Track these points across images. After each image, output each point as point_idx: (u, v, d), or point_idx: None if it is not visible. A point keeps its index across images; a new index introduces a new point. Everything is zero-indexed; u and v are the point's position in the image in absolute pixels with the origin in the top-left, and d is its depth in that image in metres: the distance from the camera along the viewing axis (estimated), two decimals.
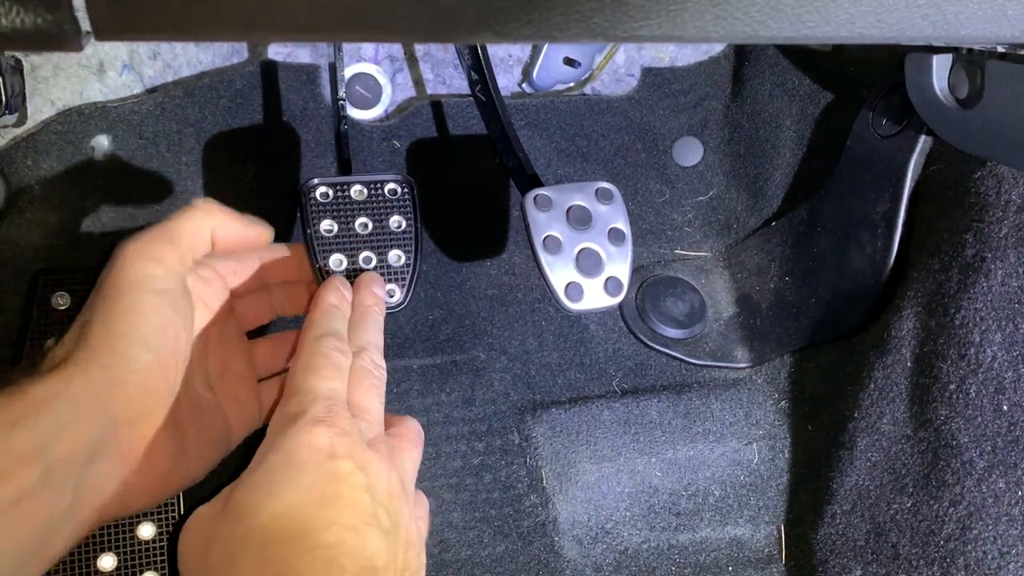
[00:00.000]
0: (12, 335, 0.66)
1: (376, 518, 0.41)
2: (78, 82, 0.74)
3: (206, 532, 0.41)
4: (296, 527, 0.39)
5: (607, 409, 0.81)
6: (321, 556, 0.38)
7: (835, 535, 0.72)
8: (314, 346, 0.48)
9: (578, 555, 0.76)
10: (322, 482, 0.41)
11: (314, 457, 0.41)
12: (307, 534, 0.39)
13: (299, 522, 0.39)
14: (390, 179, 0.65)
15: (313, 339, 0.49)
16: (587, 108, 0.93)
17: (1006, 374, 0.61)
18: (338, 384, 0.46)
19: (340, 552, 0.39)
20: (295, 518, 0.39)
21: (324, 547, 0.39)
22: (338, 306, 0.53)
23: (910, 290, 0.69)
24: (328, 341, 0.48)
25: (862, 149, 0.76)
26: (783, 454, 0.81)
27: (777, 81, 0.88)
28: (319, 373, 0.46)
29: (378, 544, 0.40)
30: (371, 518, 0.41)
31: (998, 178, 0.63)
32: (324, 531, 0.39)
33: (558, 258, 0.59)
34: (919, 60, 0.63)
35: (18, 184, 0.69)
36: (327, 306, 0.52)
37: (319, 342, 0.48)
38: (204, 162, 0.78)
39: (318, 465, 0.41)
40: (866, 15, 0.36)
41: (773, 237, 0.86)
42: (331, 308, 0.52)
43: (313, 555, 0.38)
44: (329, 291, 0.54)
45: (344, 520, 0.40)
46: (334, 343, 0.48)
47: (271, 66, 0.82)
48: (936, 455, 0.65)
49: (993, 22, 0.38)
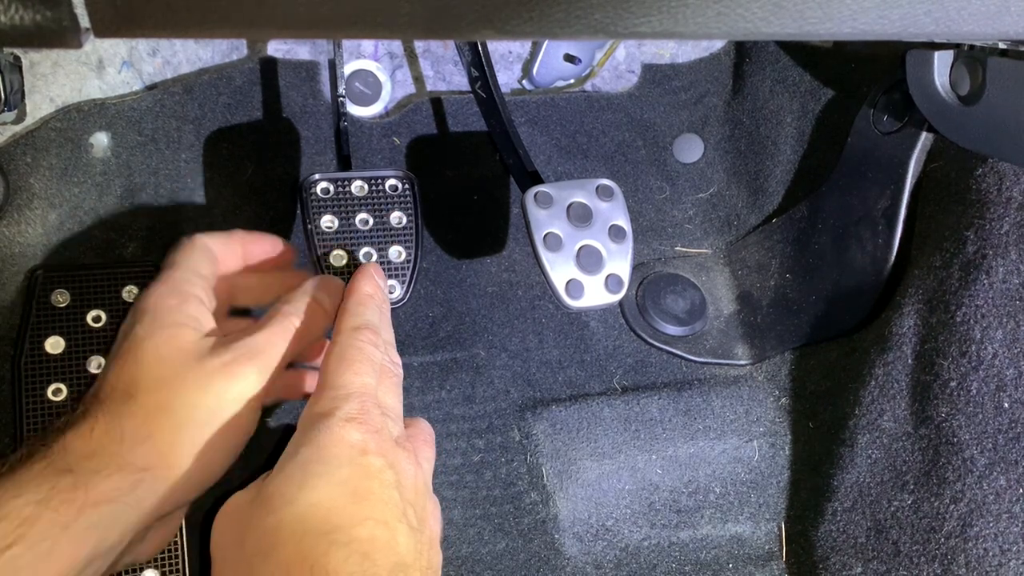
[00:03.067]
0: (11, 333, 0.66)
1: (405, 515, 0.41)
2: (77, 79, 0.74)
3: (241, 519, 0.41)
4: (331, 520, 0.39)
5: (607, 406, 0.80)
6: (356, 550, 0.38)
7: (836, 532, 0.72)
8: (349, 338, 0.47)
9: (578, 552, 0.76)
10: (355, 477, 0.41)
11: (347, 452, 0.41)
12: (342, 528, 0.39)
13: (334, 515, 0.39)
14: (391, 175, 0.65)
15: (349, 330, 0.48)
16: (587, 105, 0.93)
17: (1007, 371, 0.61)
18: (371, 379, 0.46)
19: (374, 547, 0.39)
20: (330, 510, 0.39)
21: (358, 541, 0.39)
22: (373, 296, 0.52)
23: (911, 287, 0.69)
24: (364, 334, 0.48)
25: (863, 146, 0.76)
26: (784, 451, 0.81)
27: (778, 78, 0.88)
28: (353, 368, 0.46)
29: (407, 541, 0.41)
30: (401, 515, 0.41)
31: (999, 175, 0.63)
32: (359, 525, 0.39)
33: (558, 255, 0.59)
34: (920, 57, 0.62)
35: (17, 181, 0.69)
36: (363, 295, 0.51)
37: (354, 334, 0.48)
38: (204, 159, 0.77)
39: (351, 460, 0.41)
40: (868, 11, 0.35)
41: (774, 234, 0.86)
42: (367, 298, 0.51)
43: (348, 549, 0.38)
44: (364, 280, 0.53)
45: (377, 515, 0.40)
46: (369, 336, 0.48)
47: (271, 63, 0.82)
48: (937, 452, 0.65)
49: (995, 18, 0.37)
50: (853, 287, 0.76)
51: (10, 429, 0.64)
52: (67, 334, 0.66)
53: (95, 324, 0.66)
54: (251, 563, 0.39)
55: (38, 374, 0.64)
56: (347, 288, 0.52)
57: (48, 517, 0.41)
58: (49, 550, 0.40)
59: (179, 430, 0.45)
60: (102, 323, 0.66)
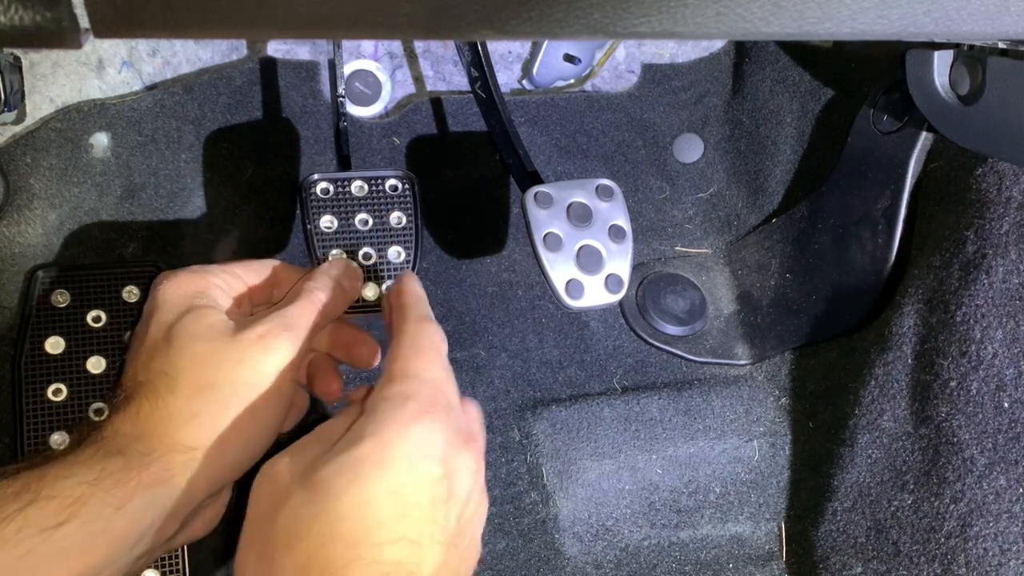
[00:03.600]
0: (11, 333, 0.66)
1: (445, 531, 0.41)
2: (77, 79, 0.74)
3: (281, 492, 0.40)
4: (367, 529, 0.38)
5: (607, 406, 0.80)
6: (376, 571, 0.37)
7: (836, 532, 0.72)
8: (421, 328, 0.47)
9: (578, 552, 0.76)
10: (408, 487, 0.40)
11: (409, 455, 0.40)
12: (372, 545, 0.38)
13: (372, 526, 0.38)
14: (390, 175, 0.65)
15: (416, 320, 0.47)
16: (587, 105, 0.93)
17: (1007, 371, 0.61)
18: (442, 372, 0.45)
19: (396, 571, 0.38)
20: (367, 519, 0.38)
21: (383, 563, 0.38)
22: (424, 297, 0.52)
23: (911, 287, 0.69)
24: (433, 327, 0.47)
25: (863, 146, 0.76)
26: (784, 451, 0.81)
27: (778, 77, 0.88)
28: (428, 356, 0.45)
29: (435, 561, 0.40)
30: (440, 532, 0.40)
31: (999, 175, 0.63)
32: (390, 544, 0.38)
33: (558, 255, 0.59)
34: (920, 56, 0.62)
35: (17, 181, 0.69)
36: (420, 292, 0.51)
37: (425, 326, 0.47)
38: (203, 159, 0.77)
39: (410, 467, 0.40)
40: (868, 11, 0.35)
41: (774, 234, 0.86)
42: (423, 295, 0.51)
43: (368, 570, 0.37)
44: (414, 281, 0.52)
45: (412, 535, 0.39)
46: (436, 328, 0.48)
47: (270, 63, 0.82)
48: (937, 452, 0.65)
49: (995, 18, 0.37)
50: (853, 287, 0.76)
51: (10, 429, 0.64)
52: (67, 334, 0.66)
53: (95, 324, 0.66)
54: (275, 546, 0.38)
55: (38, 374, 0.64)
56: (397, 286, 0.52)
57: (99, 497, 0.41)
58: (103, 529, 0.41)
59: (223, 407, 0.45)
60: (102, 323, 0.66)
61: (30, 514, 0.40)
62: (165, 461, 0.44)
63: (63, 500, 0.40)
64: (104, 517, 0.41)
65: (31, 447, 0.63)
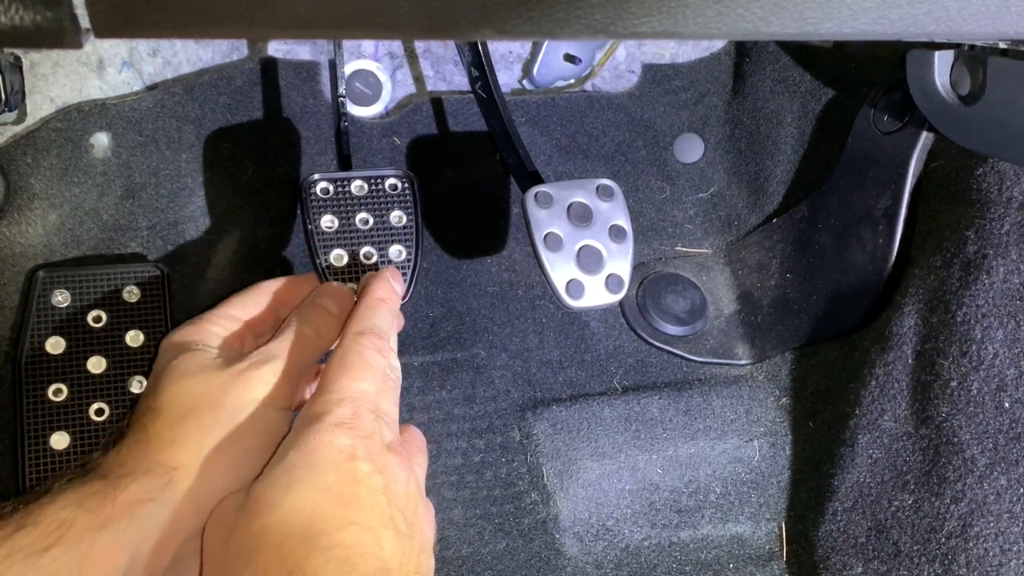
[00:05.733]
0: (11, 333, 0.66)
1: (392, 520, 0.42)
2: (77, 79, 0.74)
3: (227, 523, 0.42)
4: (314, 525, 0.39)
5: (608, 406, 0.80)
6: (337, 555, 0.38)
7: (836, 532, 0.72)
8: (352, 343, 0.48)
9: (579, 552, 0.76)
10: (341, 483, 0.41)
11: (334, 458, 0.42)
12: (324, 533, 0.39)
13: (317, 520, 0.40)
14: (390, 174, 0.65)
15: (353, 335, 0.49)
16: (588, 105, 0.93)
17: (1008, 371, 0.61)
18: (368, 385, 0.46)
19: (355, 552, 0.39)
20: (313, 516, 0.40)
21: (340, 546, 0.39)
22: (386, 300, 0.52)
23: (911, 287, 0.69)
24: (368, 339, 0.48)
25: (863, 146, 0.76)
26: (784, 451, 0.81)
27: (778, 77, 0.88)
28: (351, 373, 0.46)
29: (392, 546, 0.41)
30: (387, 520, 0.41)
31: (1000, 175, 0.63)
32: (341, 530, 0.39)
33: (559, 255, 0.59)
34: (921, 56, 0.62)
35: (17, 181, 0.69)
36: (374, 300, 0.52)
37: (358, 339, 0.48)
38: (204, 159, 0.77)
39: (338, 466, 0.42)
40: (868, 11, 0.35)
41: (774, 234, 0.86)
42: (378, 303, 0.52)
43: (329, 554, 0.38)
44: (379, 283, 0.53)
45: (361, 521, 0.40)
46: (374, 341, 0.48)
47: (271, 63, 0.82)
48: (937, 452, 0.65)
49: (996, 18, 0.37)
50: (853, 287, 0.76)
51: (10, 429, 0.64)
52: (67, 334, 0.66)
53: (95, 324, 0.66)
54: (233, 566, 0.39)
55: (38, 374, 0.64)
56: (361, 291, 0.53)
57: (83, 519, 0.41)
58: (88, 553, 0.41)
59: (205, 431, 0.46)
60: (102, 323, 0.66)
61: (17, 540, 0.40)
62: (145, 480, 0.44)
63: (48, 525, 0.40)
64: (87, 541, 0.41)
65: (31, 447, 0.63)
